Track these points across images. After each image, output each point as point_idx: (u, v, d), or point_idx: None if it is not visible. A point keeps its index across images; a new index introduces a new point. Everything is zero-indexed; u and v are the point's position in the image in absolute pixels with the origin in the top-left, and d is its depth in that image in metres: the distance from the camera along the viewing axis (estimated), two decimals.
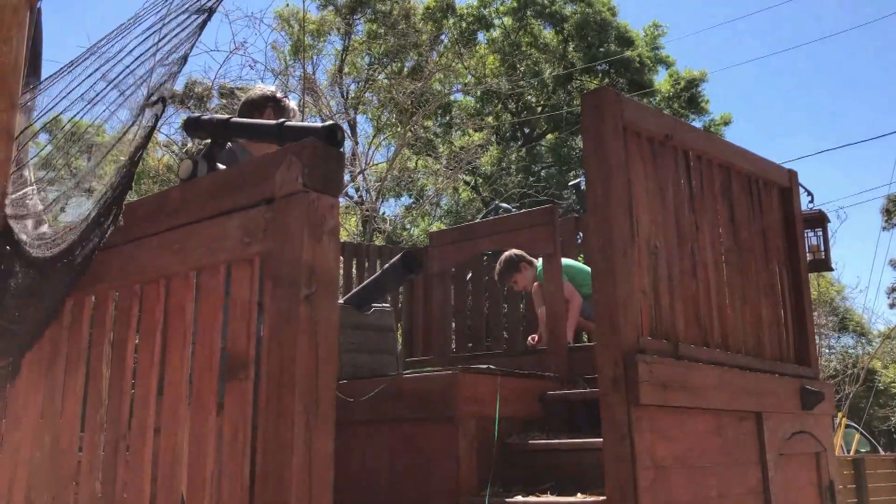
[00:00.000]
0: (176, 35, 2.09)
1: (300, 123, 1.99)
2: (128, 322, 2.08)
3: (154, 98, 1.96)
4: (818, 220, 4.59)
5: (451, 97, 19.30)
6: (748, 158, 3.83)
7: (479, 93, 19.76)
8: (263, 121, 2.47)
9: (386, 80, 16.53)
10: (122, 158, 2.02)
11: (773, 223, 3.97)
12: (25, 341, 2.22)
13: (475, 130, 18.87)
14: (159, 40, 2.12)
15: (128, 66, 2.20)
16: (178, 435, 1.88)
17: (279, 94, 3.25)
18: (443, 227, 16.51)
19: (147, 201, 2.00)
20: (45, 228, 2.23)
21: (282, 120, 2.09)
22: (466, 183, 19.68)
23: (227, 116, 2.17)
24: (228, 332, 1.80)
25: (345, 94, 16.76)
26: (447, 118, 19.94)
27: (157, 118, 2.00)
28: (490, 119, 19.82)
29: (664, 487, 2.70)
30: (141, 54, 2.15)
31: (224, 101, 13.08)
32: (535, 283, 4.74)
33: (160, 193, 2.03)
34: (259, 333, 1.78)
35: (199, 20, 2.04)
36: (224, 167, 2.10)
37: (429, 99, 15.38)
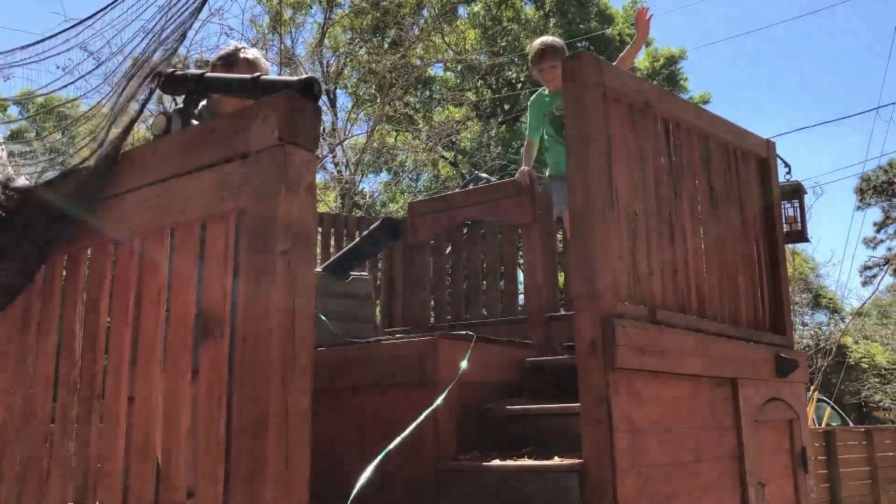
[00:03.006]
0: (180, 15, 2.06)
1: (276, 77, 1.96)
2: (101, 281, 2.05)
3: (152, 75, 1.94)
4: (795, 192, 4.62)
5: (432, 72, 19.17)
6: (727, 128, 3.84)
7: (459, 68, 19.64)
8: (238, 75, 2.43)
9: (366, 55, 16.37)
10: (114, 129, 2.00)
11: (751, 193, 3.99)
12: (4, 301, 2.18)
13: (455, 105, 18.78)
14: (165, 23, 2.09)
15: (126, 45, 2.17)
16: (153, 392, 1.86)
17: (251, 53, 3.20)
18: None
19: (123, 157, 1.96)
20: (19, 181, 2.18)
21: (257, 74, 2.06)
22: (445, 158, 19.60)
23: (201, 72, 2.13)
24: (203, 290, 1.77)
25: (324, 68, 16.58)
26: (427, 93, 19.81)
27: (152, 92, 1.98)
28: (470, 94, 19.72)
29: (641, 450, 2.73)
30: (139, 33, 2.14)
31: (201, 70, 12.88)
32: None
33: (132, 150, 2.00)
34: (234, 295, 1.76)
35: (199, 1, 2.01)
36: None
37: (409, 72, 15.26)
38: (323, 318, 3.19)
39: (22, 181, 2.28)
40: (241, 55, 3.12)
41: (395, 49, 15.52)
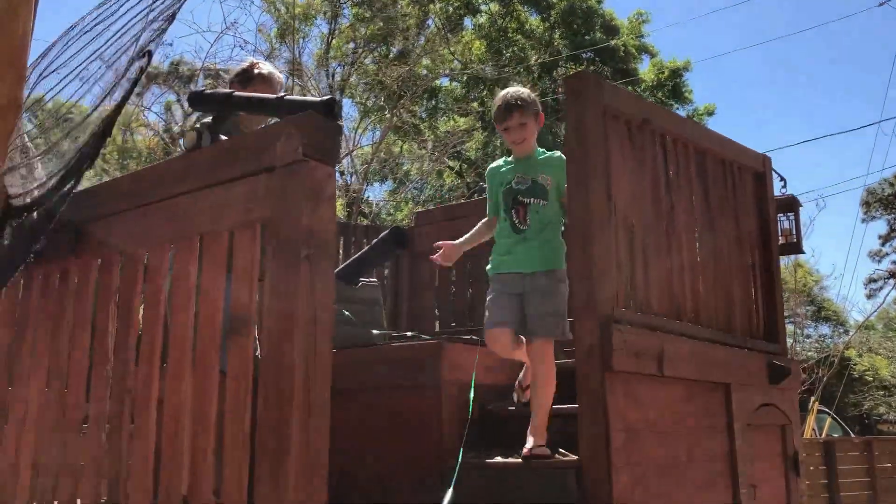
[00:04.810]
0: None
1: (299, 97, 2.12)
2: (133, 285, 2.21)
3: (141, 53, 2.07)
4: (790, 205, 4.77)
5: (437, 82, 19.39)
6: (723, 143, 3.99)
7: (464, 78, 19.86)
8: (264, 95, 2.59)
9: (373, 66, 16.60)
10: (105, 107, 2.13)
11: (747, 206, 4.14)
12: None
13: (460, 115, 18.98)
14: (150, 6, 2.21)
15: (114, 36, 2.30)
16: (183, 389, 2.02)
17: (266, 68, 3.36)
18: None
19: (152, 169, 2.12)
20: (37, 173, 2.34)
21: (282, 94, 2.23)
22: (451, 168, 19.80)
23: (229, 91, 2.30)
24: (231, 292, 1.93)
25: (330, 78, 16.81)
26: (433, 103, 20.03)
27: (143, 70, 2.11)
28: (475, 105, 19.93)
29: (635, 449, 2.87)
30: (129, 22, 2.26)
31: (209, 81, 13.13)
32: None
33: (165, 162, 2.16)
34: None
35: None
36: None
37: (416, 83, 15.46)
38: (346, 312, 3.36)
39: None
40: (256, 71, 3.28)
41: (402, 60, 15.73)
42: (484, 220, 3.42)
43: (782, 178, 4.71)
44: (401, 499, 2.96)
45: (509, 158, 3.38)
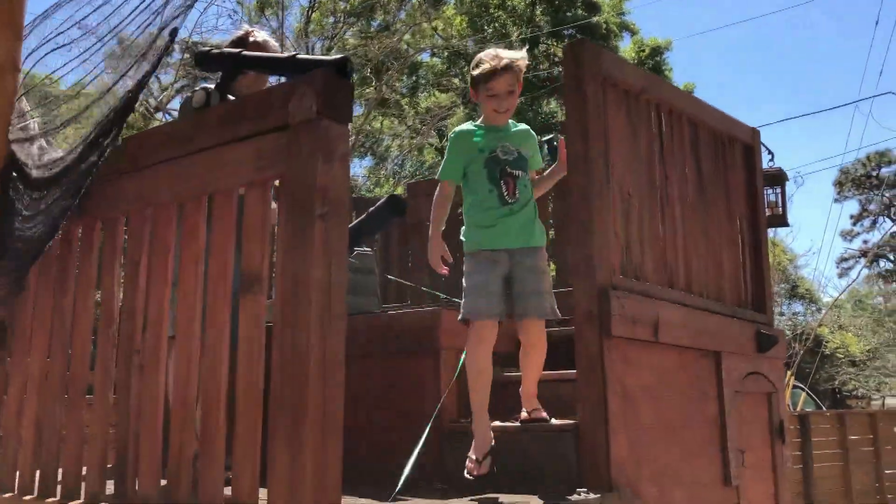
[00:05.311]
0: None
1: (311, 56, 2.11)
2: (140, 244, 2.20)
3: (166, 31, 2.06)
4: (777, 178, 4.84)
5: (418, 57, 19.26)
6: (715, 115, 4.03)
7: (445, 54, 19.74)
8: (274, 54, 2.57)
9: (353, 40, 16.46)
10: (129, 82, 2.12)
11: (736, 178, 4.19)
12: (28, 259, 2.32)
13: (441, 91, 18.90)
14: None
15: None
16: (193, 346, 2.02)
17: (261, 35, 3.33)
18: (403, 190, 16.58)
19: (161, 129, 2.11)
20: (52, 153, 2.32)
21: (293, 52, 2.21)
22: (431, 145, 19.74)
23: (238, 50, 2.28)
24: (243, 250, 1.93)
25: (310, 52, 16.63)
26: (413, 79, 19.90)
27: (166, 48, 2.11)
28: (457, 81, 19.83)
29: (632, 413, 2.92)
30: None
31: (187, 55, 12.96)
32: None
33: (174, 122, 2.14)
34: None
35: None
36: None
37: (398, 57, 15.36)
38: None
39: (60, 152, 2.42)
40: (252, 39, 3.26)
41: (384, 34, 15.61)
42: (442, 195, 3.02)
43: (770, 152, 4.79)
44: (403, 461, 2.99)
45: (479, 124, 3.07)
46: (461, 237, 3.01)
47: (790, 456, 4.19)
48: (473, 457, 2.80)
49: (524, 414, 2.99)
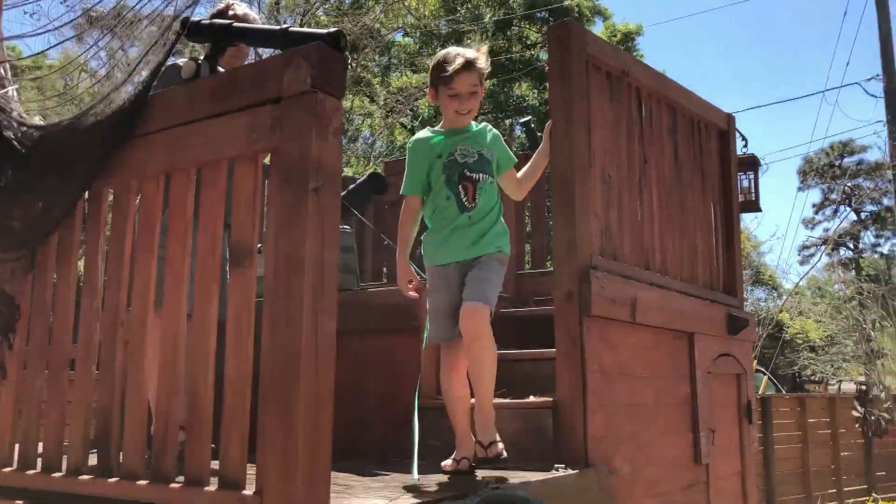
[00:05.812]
0: None
1: (305, 29, 2.09)
2: (125, 216, 2.17)
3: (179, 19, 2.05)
4: (750, 164, 4.92)
5: (391, 36, 19.13)
6: (692, 100, 4.08)
7: (418, 34, 19.63)
8: (266, 26, 2.54)
9: (325, 17, 16.27)
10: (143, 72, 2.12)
11: (711, 163, 4.26)
12: (37, 236, 2.29)
13: (413, 72, 18.80)
14: None
15: None
16: (179, 320, 2.01)
17: (241, 9, 3.31)
18: (378, 169, 16.49)
19: (152, 100, 2.08)
20: (36, 119, 2.29)
21: (285, 25, 2.19)
22: (403, 126, 19.66)
23: (227, 21, 2.25)
24: (233, 223, 1.92)
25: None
26: (385, 58, 19.76)
27: (179, 36, 2.10)
28: (429, 61, 19.73)
29: (609, 391, 2.98)
30: None
31: (154, 28, 12.72)
32: None
33: (163, 92, 2.12)
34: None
35: None
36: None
37: (373, 36, 15.24)
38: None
39: (37, 120, 2.38)
40: (231, 12, 3.22)
41: (358, 12, 15.46)
42: (405, 211, 2.85)
43: (744, 138, 4.85)
44: (382, 438, 3.02)
45: (437, 129, 2.88)
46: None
47: (756, 435, 4.30)
48: (455, 457, 2.72)
49: (478, 449, 2.66)
